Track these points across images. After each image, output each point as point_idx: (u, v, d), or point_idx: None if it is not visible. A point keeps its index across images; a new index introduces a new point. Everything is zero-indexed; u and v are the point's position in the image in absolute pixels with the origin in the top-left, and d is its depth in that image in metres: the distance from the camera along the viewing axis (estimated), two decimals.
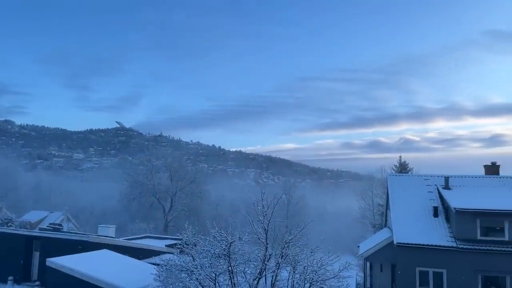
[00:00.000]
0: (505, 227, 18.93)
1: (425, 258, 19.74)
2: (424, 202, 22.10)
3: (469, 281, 19.03)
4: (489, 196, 20.68)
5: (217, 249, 13.49)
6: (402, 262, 20.15)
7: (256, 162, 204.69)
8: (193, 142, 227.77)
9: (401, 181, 24.78)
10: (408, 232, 20.29)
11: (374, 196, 48.50)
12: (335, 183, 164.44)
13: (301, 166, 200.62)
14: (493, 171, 24.08)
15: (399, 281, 20.19)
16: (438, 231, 20.27)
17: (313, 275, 12.70)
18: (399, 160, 45.85)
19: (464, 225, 19.38)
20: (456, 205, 19.45)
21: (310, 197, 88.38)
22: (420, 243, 19.75)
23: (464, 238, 19.39)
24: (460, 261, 19.25)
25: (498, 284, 18.95)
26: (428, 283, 19.62)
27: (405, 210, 21.70)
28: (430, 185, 23.31)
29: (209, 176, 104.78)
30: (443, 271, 19.51)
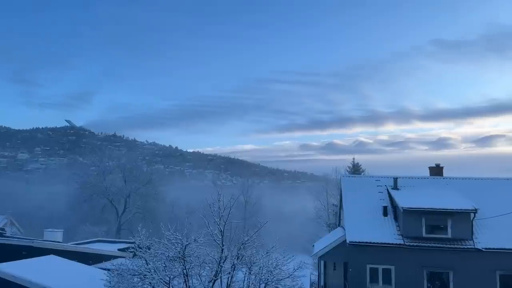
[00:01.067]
0: (448, 225, 20.21)
1: (375, 255, 20.59)
2: (374, 202, 23.04)
3: (416, 276, 20.10)
4: (433, 196, 21.94)
5: (171, 252, 13.20)
6: (354, 260, 20.88)
7: (215, 163, 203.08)
8: (149, 143, 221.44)
9: (353, 182, 25.67)
10: (360, 231, 21.06)
11: (329, 196, 49.87)
12: (292, 184, 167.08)
13: (259, 167, 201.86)
14: (437, 172, 25.62)
15: (351, 279, 20.89)
16: (387, 230, 21.23)
17: (268, 275, 12.80)
18: (352, 162, 47.60)
19: (411, 224, 20.46)
20: (404, 204, 20.48)
21: (268, 198, 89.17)
22: (370, 241, 20.58)
23: (411, 236, 20.46)
24: (407, 258, 20.29)
25: (442, 279, 20.18)
26: (377, 279, 20.48)
27: (357, 210, 22.51)
28: (380, 186, 24.35)
29: (166, 177, 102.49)
30: (391, 268, 20.45)
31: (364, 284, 20.45)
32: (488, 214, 20.12)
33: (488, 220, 20.13)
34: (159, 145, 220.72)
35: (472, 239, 19.93)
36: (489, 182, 23.99)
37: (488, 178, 24.48)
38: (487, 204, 20.62)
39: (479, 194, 21.86)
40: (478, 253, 19.55)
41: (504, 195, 22.24)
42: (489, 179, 24.34)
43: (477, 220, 20.04)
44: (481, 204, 20.21)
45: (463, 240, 20.00)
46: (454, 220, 20.06)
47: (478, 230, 20.25)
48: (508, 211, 19.66)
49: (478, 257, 19.60)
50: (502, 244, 19.56)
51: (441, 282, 20.11)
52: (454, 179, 24.37)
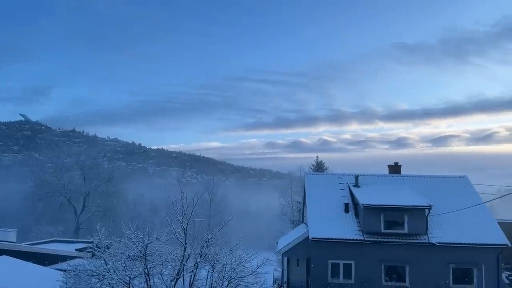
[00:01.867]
0: (405, 221, 21.11)
1: (337, 251, 21.15)
2: (337, 199, 23.64)
3: (374, 270, 20.85)
4: (392, 193, 22.83)
5: (132, 251, 12.85)
6: (316, 255, 21.33)
7: (179, 161, 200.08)
8: (111, 139, 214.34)
9: (316, 179, 26.19)
10: (322, 227, 21.54)
11: (293, 194, 50.61)
12: (258, 182, 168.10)
13: (225, 165, 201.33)
14: (395, 170, 26.67)
15: (313, 274, 21.34)
16: (348, 226, 21.86)
17: (231, 273, 12.78)
18: (316, 160, 48.56)
19: (371, 220, 21.18)
20: (364, 201, 21.16)
21: (233, 196, 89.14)
22: (332, 237, 21.12)
23: (370, 232, 21.18)
24: (367, 253, 21.00)
25: (399, 273, 21.05)
26: (338, 274, 21.06)
27: (320, 207, 23.00)
28: (342, 183, 25.01)
29: (128, 175, 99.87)
30: (352, 263, 21.10)
31: (325, 279, 20.95)
32: (442, 210, 21.21)
33: (442, 216, 21.23)
34: (122, 141, 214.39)
35: (427, 234, 20.93)
36: (443, 179, 25.26)
37: (443, 176, 25.77)
38: (441, 201, 21.74)
39: (434, 191, 23.02)
40: (432, 247, 20.57)
41: (457, 192, 23.53)
42: (443, 177, 25.63)
43: (431, 216, 21.07)
44: (436, 200, 21.29)
45: (419, 235, 20.96)
46: (410, 216, 20.98)
47: (432, 225, 21.30)
48: (460, 207, 20.82)
49: (432, 251, 20.63)
50: (454, 239, 20.69)
51: (398, 276, 20.98)
52: (411, 177, 25.47)
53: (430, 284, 20.23)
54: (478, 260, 20.44)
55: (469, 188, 24.18)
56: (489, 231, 21.03)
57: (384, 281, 20.83)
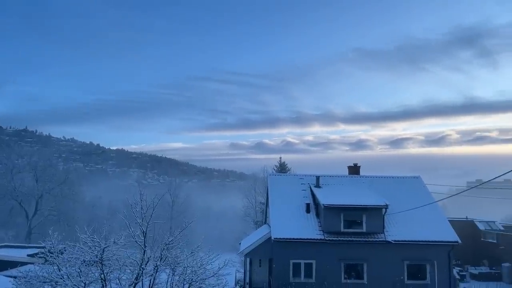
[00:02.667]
0: (363, 220, 21.78)
1: (298, 251, 21.46)
2: (298, 200, 23.99)
3: (334, 269, 21.35)
4: (351, 193, 23.52)
5: (88, 255, 12.35)
6: (278, 256, 21.53)
7: (140, 162, 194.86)
8: (66, 139, 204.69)
9: (279, 180, 26.45)
10: (284, 228, 21.77)
11: (256, 195, 50.77)
12: (222, 183, 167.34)
13: (188, 166, 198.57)
14: (355, 171, 27.49)
15: (275, 274, 21.50)
16: (310, 226, 22.24)
17: (192, 275, 12.61)
18: (279, 161, 49.05)
19: (331, 219, 21.67)
20: (325, 201, 21.63)
21: (197, 197, 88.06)
22: (293, 237, 21.41)
23: (331, 231, 21.68)
24: (327, 252, 21.47)
25: (357, 270, 21.68)
26: (300, 273, 21.36)
27: (282, 207, 23.23)
28: (304, 184, 25.42)
29: (85, 177, 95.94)
30: (313, 262, 21.48)
31: (287, 278, 21.18)
32: (397, 209, 22.08)
33: (397, 215, 22.10)
34: (78, 141, 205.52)
35: (384, 232, 21.72)
36: (399, 180, 26.34)
37: (398, 177, 26.87)
38: (396, 200, 22.63)
39: (390, 191, 23.93)
40: (388, 245, 21.37)
41: (411, 192, 24.62)
42: (399, 178, 26.72)
43: (388, 215, 21.88)
44: (392, 200, 22.14)
45: (376, 233, 21.72)
46: (369, 216, 21.70)
47: (388, 224, 22.13)
48: (414, 206, 21.79)
49: (388, 249, 21.44)
50: (409, 236, 21.62)
51: (356, 273, 21.61)
52: (369, 178, 26.36)
53: (386, 281, 21.00)
54: (431, 256, 21.48)
55: (422, 188, 25.37)
56: (441, 229, 22.17)
57: (343, 279, 21.37)
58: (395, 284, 20.95)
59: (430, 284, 21.27)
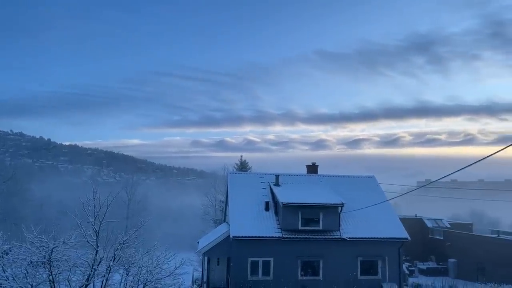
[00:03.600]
0: (320, 218, 22.33)
1: (257, 249, 21.61)
2: (258, 198, 24.14)
3: (291, 266, 21.72)
4: (309, 191, 24.01)
5: (35, 256, 11.69)
6: (237, 254, 21.55)
7: (95, 158, 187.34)
8: (14, 133, 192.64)
9: (239, 178, 26.47)
10: (243, 226, 21.83)
11: (216, 193, 50.45)
12: (181, 181, 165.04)
13: (146, 163, 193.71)
14: (313, 170, 28.11)
15: (233, 272, 21.52)
16: (268, 224, 22.46)
17: (147, 275, 12.30)
18: (240, 159, 49.06)
19: (289, 217, 22.02)
20: (283, 200, 21.94)
21: (155, 195, 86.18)
22: (252, 235, 21.52)
23: (289, 229, 22.02)
24: (285, 249, 21.79)
25: (313, 267, 22.19)
26: (258, 271, 21.52)
27: (242, 206, 23.28)
28: (264, 182, 25.62)
29: (35, 173, 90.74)
30: (271, 259, 21.72)
31: (245, 277, 21.26)
32: (352, 207, 22.85)
33: (352, 213, 22.88)
34: (27, 136, 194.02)
35: (339, 230, 22.40)
36: (354, 179, 27.26)
37: (354, 176, 27.81)
38: (351, 199, 23.42)
39: (346, 190, 24.73)
40: (343, 242, 22.07)
41: (365, 191, 25.55)
42: (354, 177, 27.66)
43: (343, 213, 22.58)
44: (347, 198, 22.89)
45: (332, 231, 22.35)
46: (325, 213, 22.28)
47: (344, 221, 22.85)
48: (368, 204, 22.65)
49: (343, 246, 22.13)
50: (363, 234, 22.45)
51: (313, 270, 22.12)
52: (327, 177, 27.05)
53: (341, 277, 21.68)
54: (382, 252, 22.43)
55: (376, 187, 26.44)
56: (392, 226, 23.23)
57: (300, 275, 21.80)
58: (348, 279, 21.67)
59: (381, 279, 22.22)
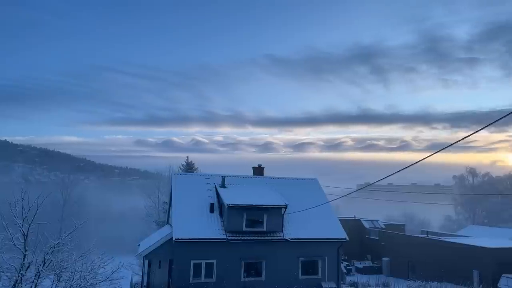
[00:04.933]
0: (264, 220, 22.58)
1: (200, 251, 21.33)
2: (203, 199, 23.86)
3: (234, 267, 21.72)
4: (254, 193, 24.19)
5: None
6: (179, 256, 21.10)
7: (27, 156, 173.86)
8: None
9: (184, 179, 25.97)
10: (186, 228, 21.44)
11: (160, 194, 49.21)
12: (123, 181, 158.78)
13: (85, 161, 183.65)
14: (259, 172, 28.38)
15: (175, 275, 21.03)
16: (213, 226, 22.28)
17: (81, 280, 11.59)
18: (186, 160, 48.25)
19: (234, 219, 22.01)
20: (228, 201, 21.89)
21: (94, 196, 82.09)
22: (195, 237, 21.21)
23: (233, 231, 22.00)
24: (229, 251, 21.74)
25: (256, 268, 22.36)
26: (200, 274, 21.24)
27: (186, 207, 22.86)
28: (209, 184, 25.37)
29: None
30: (214, 261, 21.54)
31: (187, 279, 20.88)
32: (295, 209, 23.39)
33: (295, 214, 23.43)
34: None
35: (282, 231, 22.82)
36: (298, 181, 27.96)
37: (297, 178, 28.51)
38: (295, 200, 23.96)
39: (289, 192, 25.24)
40: (286, 243, 22.51)
41: (308, 193, 26.29)
42: (298, 179, 28.37)
43: (286, 214, 23.05)
44: (291, 200, 23.39)
45: (275, 232, 22.70)
46: (269, 215, 22.58)
47: (287, 223, 23.32)
48: (310, 206, 23.33)
49: (286, 247, 22.57)
50: (304, 234, 23.07)
51: (256, 271, 22.30)
52: (272, 179, 27.47)
53: (283, 277, 22.09)
54: (322, 253, 23.21)
55: (318, 190, 27.31)
56: (332, 227, 24.13)
57: (243, 277, 21.86)
58: (290, 279, 22.13)
59: (321, 278, 22.98)
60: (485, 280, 27.75)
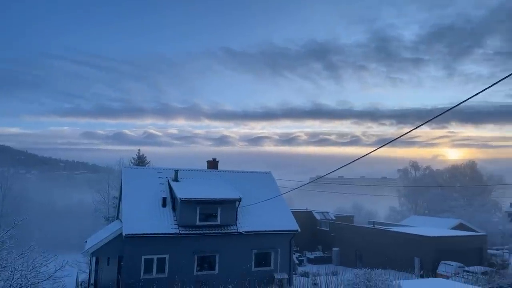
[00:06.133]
0: (218, 213, 22.53)
1: (151, 246, 20.85)
2: (155, 194, 23.31)
3: (187, 262, 21.50)
4: (208, 187, 24.03)
5: None
6: (129, 252, 20.49)
7: None
8: None
9: (135, 173, 25.20)
10: (137, 223, 20.86)
11: (110, 189, 47.56)
12: (70, 175, 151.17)
13: (26, 154, 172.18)
14: (213, 166, 28.22)
15: (125, 272, 20.41)
16: (165, 220, 21.86)
17: (22, 279, 10.88)
18: (138, 153, 46.83)
19: (187, 213, 21.75)
20: (181, 195, 21.57)
21: (36, 191, 77.35)
22: (147, 232, 20.69)
23: (186, 225, 21.74)
24: (181, 246, 21.47)
25: (209, 262, 22.30)
26: (152, 269, 20.80)
27: (137, 202, 22.22)
28: (162, 178, 24.82)
29: None
30: (166, 256, 21.18)
31: (138, 276, 20.35)
32: (249, 202, 23.58)
33: (249, 207, 23.62)
34: None
35: (236, 224, 22.92)
36: (252, 175, 28.16)
37: (252, 172, 28.72)
38: (249, 193, 24.17)
39: (244, 185, 25.40)
40: (239, 236, 22.65)
41: (262, 186, 26.60)
42: (252, 173, 28.57)
43: (241, 207, 23.17)
44: (245, 193, 23.54)
45: (229, 225, 22.75)
46: (223, 208, 22.57)
47: (241, 216, 23.45)
48: (264, 199, 23.63)
49: (239, 240, 22.71)
50: (257, 227, 23.34)
51: (209, 265, 22.24)
52: (226, 172, 27.44)
53: (236, 269, 22.21)
54: (275, 244, 23.64)
55: (272, 183, 27.71)
56: (285, 219, 24.61)
57: (196, 271, 21.72)
58: (243, 272, 22.33)
59: (274, 269, 23.41)
60: (425, 266, 29.78)
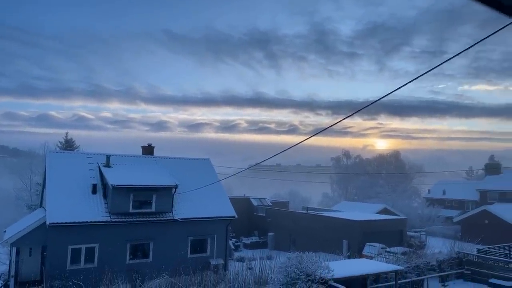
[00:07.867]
0: (153, 200, 21.88)
1: (79, 235, 19.72)
2: (84, 180, 21.97)
3: (119, 251, 20.69)
4: (142, 173, 23.17)
5: None
6: (54, 242, 19.19)
7: None
8: None
9: (61, 158, 23.46)
10: (63, 210, 19.55)
11: (33, 175, 44.20)
12: None
13: None
14: (149, 152, 27.24)
15: (49, 262, 19.09)
16: (95, 208, 20.74)
17: None
18: (65, 137, 43.80)
19: (119, 200, 20.83)
20: (113, 182, 20.56)
21: None
22: (74, 221, 19.50)
23: (118, 212, 20.84)
24: (113, 234, 20.57)
25: (143, 250, 21.68)
26: (79, 259, 19.70)
27: (63, 189, 20.79)
28: (92, 163, 23.43)
29: None
30: (95, 246, 20.17)
31: (64, 266, 19.17)
32: (187, 188, 23.22)
33: (186, 194, 23.26)
34: None
35: (172, 211, 22.47)
36: (190, 161, 27.72)
37: (190, 158, 28.25)
38: (186, 180, 23.80)
39: (181, 171, 24.94)
40: (175, 223, 22.27)
41: (200, 173, 26.32)
42: (190, 159, 28.13)
43: (177, 194, 22.72)
44: (182, 180, 23.13)
45: (165, 212, 22.24)
46: (159, 195, 21.96)
47: (177, 203, 23.02)
48: (202, 185, 23.40)
49: (175, 227, 22.34)
50: (194, 214, 23.12)
51: (142, 252, 21.61)
52: (163, 158, 26.67)
53: (171, 257, 21.87)
54: (211, 231, 23.62)
55: (210, 169, 27.51)
56: (222, 206, 24.65)
57: (128, 259, 21.00)
58: (178, 259, 22.06)
59: (210, 255, 23.44)
60: (352, 248, 31.79)
